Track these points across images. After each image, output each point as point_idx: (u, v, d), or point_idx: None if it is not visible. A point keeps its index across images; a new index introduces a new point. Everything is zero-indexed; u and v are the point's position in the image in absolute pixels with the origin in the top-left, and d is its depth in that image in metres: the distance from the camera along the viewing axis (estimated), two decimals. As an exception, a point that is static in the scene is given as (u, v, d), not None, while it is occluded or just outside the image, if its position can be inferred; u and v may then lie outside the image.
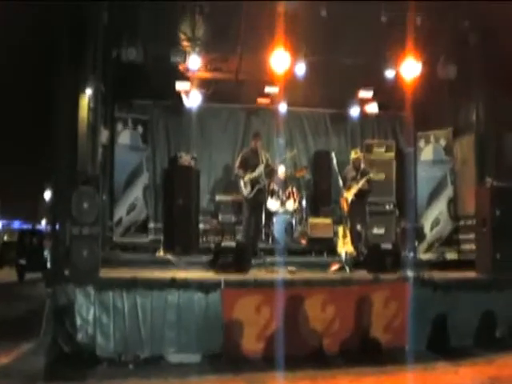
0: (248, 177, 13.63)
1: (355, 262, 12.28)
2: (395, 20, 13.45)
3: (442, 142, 16.56)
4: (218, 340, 9.47)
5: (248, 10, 13.22)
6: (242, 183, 13.74)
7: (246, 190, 13.66)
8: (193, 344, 9.48)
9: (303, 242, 15.77)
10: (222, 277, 9.94)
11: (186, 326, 9.52)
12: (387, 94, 16.25)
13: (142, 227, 15.97)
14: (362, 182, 13.70)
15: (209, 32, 14.39)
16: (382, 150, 17.27)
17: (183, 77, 15.34)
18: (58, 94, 12.31)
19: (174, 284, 9.60)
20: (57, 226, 10.48)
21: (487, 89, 14.39)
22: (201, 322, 9.52)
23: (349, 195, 13.66)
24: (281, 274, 11.06)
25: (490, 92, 14.34)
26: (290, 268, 11.55)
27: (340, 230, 13.73)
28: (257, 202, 13.88)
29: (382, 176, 16.03)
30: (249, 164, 13.78)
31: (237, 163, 14.03)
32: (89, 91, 13.09)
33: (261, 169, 13.64)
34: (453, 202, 16.11)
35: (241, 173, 13.77)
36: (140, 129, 16.17)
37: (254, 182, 13.62)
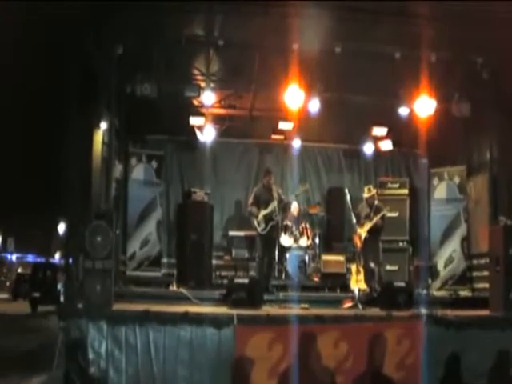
0: (262, 214, 13.66)
1: (368, 299, 12.25)
2: (409, 57, 13.52)
3: (456, 180, 16.54)
4: (230, 376, 9.43)
5: (262, 47, 13.32)
6: (255, 221, 13.76)
7: (259, 227, 13.68)
8: (205, 381, 9.45)
9: (316, 279, 15.73)
10: (234, 312, 9.92)
11: (199, 362, 9.48)
12: (401, 131, 16.26)
13: (155, 262, 15.89)
14: (375, 219, 13.66)
15: (223, 68, 14.53)
16: (396, 187, 17.21)
17: (197, 112, 15.41)
18: (72, 129, 12.46)
19: (186, 318, 9.59)
20: (70, 260, 10.52)
21: (501, 127, 14.40)
22: (213, 359, 9.49)
23: (362, 232, 13.63)
24: (294, 310, 11.02)
25: (504, 130, 14.35)
26: (303, 305, 11.51)
27: (353, 266, 13.73)
28: (270, 239, 13.90)
29: (395, 213, 16.10)
30: (261, 201, 13.82)
31: (250, 200, 14.09)
32: (103, 126, 13.22)
33: (274, 205, 13.65)
34: (466, 241, 16.03)
35: (254, 210, 13.81)
36: (154, 164, 16.20)
37: (267, 219, 13.65)
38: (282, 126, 15.86)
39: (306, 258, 15.72)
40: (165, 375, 9.39)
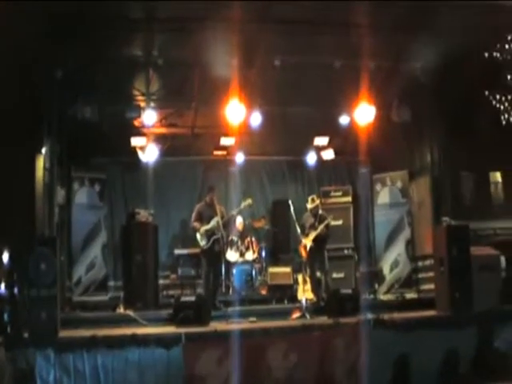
0: (204, 228, 13.66)
1: (316, 308, 12.36)
2: (348, 66, 13.65)
3: (399, 185, 16.76)
4: (180, 396, 9.41)
5: (201, 64, 13.33)
6: (198, 235, 13.75)
7: (202, 242, 13.68)
8: (155, 402, 9.42)
9: (263, 291, 15.76)
10: (182, 331, 9.91)
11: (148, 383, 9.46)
12: (343, 139, 16.42)
13: (102, 285, 15.77)
14: (320, 228, 13.77)
15: (163, 87, 14.50)
16: (339, 195, 17.36)
17: (139, 133, 15.30)
18: (13, 156, 12.33)
19: (134, 340, 9.55)
20: (15, 289, 10.41)
21: (440, 130, 14.65)
22: (163, 379, 9.45)
23: (307, 242, 13.74)
24: (242, 325, 11.03)
25: (444, 133, 14.59)
26: (251, 319, 11.53)
27: (300, 277, 13.84)
28: (214, 254, 13.84)
29: (339, 221, 16.26)
30: (204, 217, 13.83)
31: (192, 217, 14.06)
32: (44, 151, 13.10)
33: (216, 220, 13.66)
34: (411, 243, 16.28)
35: (197, 225, 13.81)
36: (97, 187, 16.08)
37: (210, 234, 13.64)
38: (224, 141, 15.88)
39: (253, 271, 15.71)
40: (115, 400, 9.34)
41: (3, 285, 12.41)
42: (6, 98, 12.11)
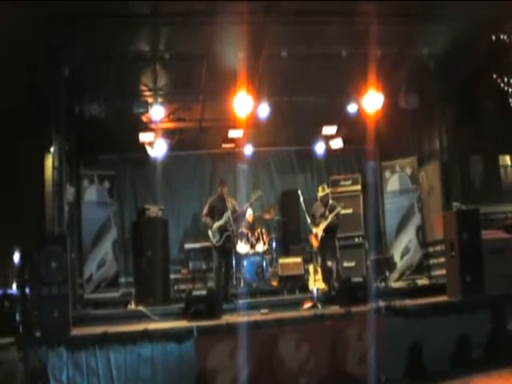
0: (216, 225, 13.74)
1: (327, 298, 12.35)
2: (355, 54, 13.61)
3: (408, 171, 16.72)
4: (194, 390, 9.43)
5: (208, 57, 13.33)
6: (210, 232, 13.83)
7: (214, 239, 13.76)
8: (169, 397, 9.45)
9: (275, 283, 15.79)
10: (194, 325, 9.93)
11: (161, 379, 9.43)
12: (351, 128, 16.35)
13: (113, 282, 15.86)
14: (330, 218, 13.75)
15: (170, 82, 14.51)
16: (349, 184, 17.36)
17: (147, 128, 15.35)
18: (22, 155, 12.39)
19: (146, 336, 9.57)
20: (26, 288, 10.45)
21: (449, 115, 14.58)
22: (176, 373, 9.46)
23: (318, 231, 13.74)
24: (253, 317, 11.05)
25: (452, 118, 14.53)
26: (263, 310, 11.56)
27: (311, 267, 13.83)
28: (226, 249, 13.95)
29: (349, 210, 16.22)
30: (216, 211, 13.90)
31: (204, 211, 14.14)
32: (53, 150, 13.13)
33: (228, 215, 13.72)
34: (421, 230, 16.26)
35: (208, 221, 13.90)
36: (106, 184, 16.15)
37: (222, 230, 13.73)
38: (232, 134, 15.87)
39: (264, 263, 15.67)
40: (128, 396, 9.38)
41: (14, 284, 12.46)
42: (13, 97, 12.17)
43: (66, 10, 11.06)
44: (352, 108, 15.05)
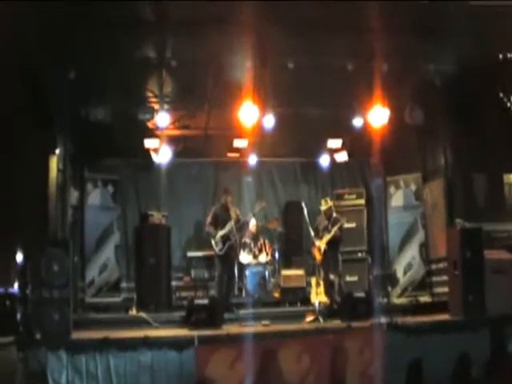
0: (219, 234, 13.72)
1: (329, 311, 12.33)
2: (361, 68, 13.53)
3: (412, 187, 16.68)
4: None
5: (215, 66, 13.31)
6: (213, 241, 13.81)
7: (217, 248, 13.73)
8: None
9: (276, 294, 15.72)
10: (195, 333, 9.92)
11: (161, 387, 9.47)
12: (356, 141, 16.31)
13: (115, 287, 15.71)
14: (333, 231, 13.72)
15: (177, 89, 14.47)
16: (353, 198, 17.25)
17: (152, 134, 15.28)
18: (26, 156, 12.36)
19: (146, 342, 9.58)
20: (27, 289, 10.44)
21: (454, 132, 14.55)
22: (175, 381, 9.49)
23: (321, 244, 13.72)
24: (254, 327, 11.03)
25: (457, 135, 14.51)
26: (264, 322, 11.54)
27: (313, 279, 13.80)
28: (228, 258, 13.94)
29: (353, 224, 16.20)
30: (219, 220, 13.88)
31: (208, 220, 14.14)
32: (57, 152, 13.12)
33: (231, 224, 13.69)
34: (424, 246, 16.14)
35: (211, 230, 13.88)
36: (110, 188, 16.07)
37: (224, 239, 13.70)
38: (237, 143, 15.81)
39: (266, 273, 15.66)
40: (127, 402, 9.36)
41: (16, 284, 12.44)
42: (18, 99, 12.16)
43: (71, 13, 11.04)
44: (357, 122, 14.97)
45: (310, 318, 12.06)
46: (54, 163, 13.15)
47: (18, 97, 12.19)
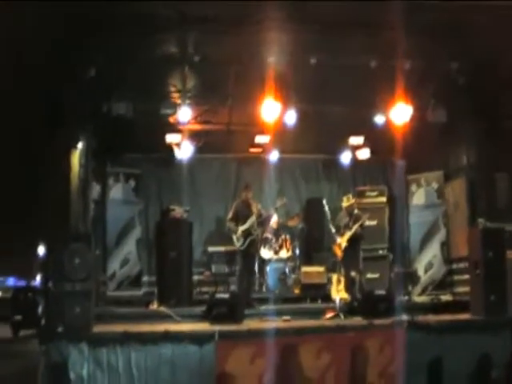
0: (240, 229, 13.71)
1: (350, 309, 12.28)
2: (384, 66, 13.50)
3: (434, 186, 16.65)
4: (212, 394, 9.43)
5: (237, 61, 13.33)
6: (234, 236, 13.81)
7: (238, 243, 13.74)
8: (187, 399, 9.46)
9: (297, 290, 15.76)
10: (216, 328, 9.92)
11: (181, 380, 9.49)
12: (378, 139, 16.21)
13: (136, 281, 15.92)
14: (355, 228, 13.70)
15: (199, 84, 14.48)
16: (374, 195, 17.21)
17: (174, 129, 15.35)
18: (49, 151, 12.43)
19: (167, 336, 9.60)
20: (50, 283, 10.48)
21: (477, 130, 14.48)
22: (195, 376, 9.50)
23: (342, 241, 13.69)
24: (275, 323, 11.02)
25: (480, 133, 14.43)
26: (285, 317, 11.52)
27: (334, 276, 13.78)
28: (249, 253, 13.94)
29: (374, 221, 16.16)
30: (240, 216, 13.87)
31: (229, 216, 14.15)
32: (80, 146, 13.18)
33: (252, 220, 13.71)
34: (446, 245, 16.15)
35: (232, 226, 13.88)
36: (132, 183, 16.19)
37: (246, 234, 13.69)
38: (259, 139, 15.87)
39: (287, 269, 15.76)
40: (147, 395, 9.39)
41: (38, 278, 12.52)
42: (41, 95, 12.23)
43: (93, 10, 11.08)
44: (379, 119, 14.96)
45: (330, 315, 12.02)
46: (76, 158, 13.20)
47: (40, 92, 12.26)
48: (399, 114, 14.09)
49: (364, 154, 17.08)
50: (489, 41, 12.22)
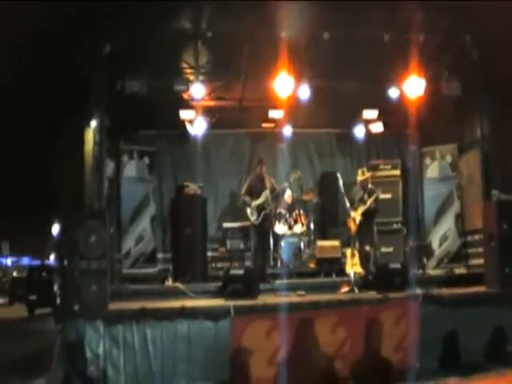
0: (254, 203, 13.72)
1: (364, 283, 12.31)
2: (397, 40, 13.46)
3: (448, 158, 16.57)
4: (228, 368, 9.49)
5: (250, 37, 13.29)
6: (248, 210, 13.82)
7: (252, 217, 13.75)
8: (203, 374, 9.55)
9: (312, 265, 15.76)
10: (231, 304, 9.98)
11: (197, 356, 9.61)
12: (392, 112, 16.15)
13: (151, 258, 15.96)
14: (369, 202, 13.70)
15: (212, 60, 14.47)
16: (388, 168, 17.15)
17: (187, 106, 15.34)
18: (62, 130, 12.46)
19: (183, 313, 9.68)
20: (65, 261, 10.55)
21: (491, 103, 14.37)
22: (211, 351, 9.60)
23: (357, 215, 13.70)
24: (290, 298, 11.07)
25: (494, 106, 14.34)
26: (300, 292, 11.56)
27: (348, 250, 13.80)
28: (264, 228, 13.95)
29: (388, 195, 16.12)
30: (254, 190, 13.87)
31: (243, 190, 14.16)
32: (93, 124, 13.20)
33: (266, 194, 13.70)
34: (460, 218, 16.11)
35: (247, 200, 13.88)
36: (146, 160, 16.19)
37: (260, 209, 13.70)
38: (273, 114, 15.81)
39: (301, 244, 15.80)
40: (163, 371, 9.50)
41: (52, 256, 12.60)
42: (54, 73, 12.24)
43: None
44: (393, 93, 14.89)
45: (345, 289, 12.07)
46: (90, 136, 13.22)
47: (55, 70, 12.27)
48: (413, 87, 14.07)
49: (378, 127, 17.00)
50: (503, 15, 12.13)
